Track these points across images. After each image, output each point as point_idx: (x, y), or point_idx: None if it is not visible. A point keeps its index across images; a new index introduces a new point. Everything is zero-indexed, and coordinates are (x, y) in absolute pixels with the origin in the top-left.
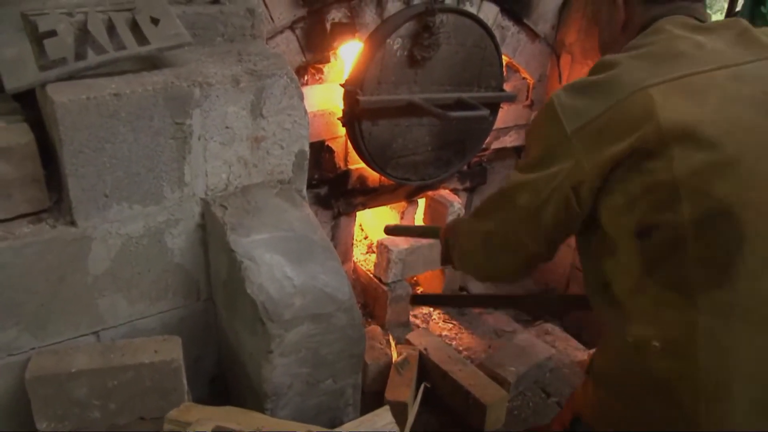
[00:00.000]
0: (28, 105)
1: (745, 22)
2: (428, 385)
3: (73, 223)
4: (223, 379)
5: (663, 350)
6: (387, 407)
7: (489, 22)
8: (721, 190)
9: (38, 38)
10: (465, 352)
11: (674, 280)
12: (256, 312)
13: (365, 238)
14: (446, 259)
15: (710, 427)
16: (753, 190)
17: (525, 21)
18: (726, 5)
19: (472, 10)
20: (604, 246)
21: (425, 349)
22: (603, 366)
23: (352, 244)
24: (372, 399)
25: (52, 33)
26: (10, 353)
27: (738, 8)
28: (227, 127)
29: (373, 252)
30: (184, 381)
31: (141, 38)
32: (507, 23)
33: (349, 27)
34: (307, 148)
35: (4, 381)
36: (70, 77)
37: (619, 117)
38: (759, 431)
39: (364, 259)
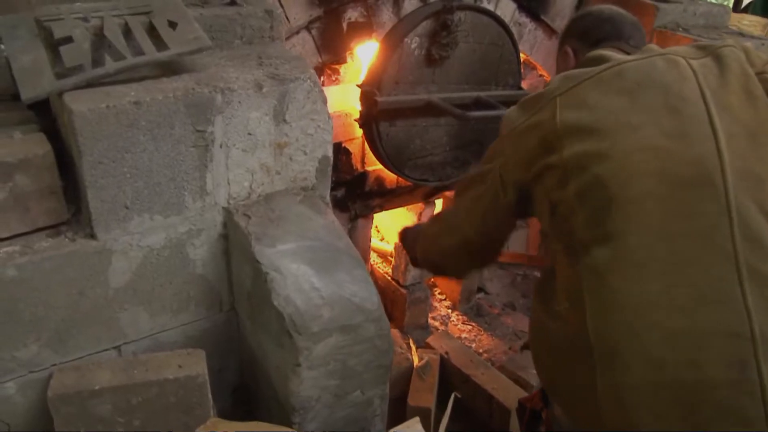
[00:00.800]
0: (42, 112)
1: (652, 45)
2: (459, 395)
3: (93, 236)
4: (246, 390)
5: (569, 310)
6: (417, 419)
7: (506, 19)
8: (595, 166)
9: (53, 44)
10: (485, 355)
11: (570, 247)
12: (283, 324)
13: (381, 239)
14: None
15: (603, 383)
16: (617, 160)
17: (542, 17)
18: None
19: (490, 7)
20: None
21: (446, 353)
22: (534, 333)
23: (370, 246)
24: (393, 405)
25: (68, 39)
26: (31, 370)
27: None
28: (250, 134)
29: (390, 255)
30: (210, 396)
31: (159, 43)
32: (524, 20)
33: (366, 26)
34: (330, 154)
35: (26, 398)
36: (88, 85)
37: (536, 123)
38: (650, 383)
39: (381, 261)
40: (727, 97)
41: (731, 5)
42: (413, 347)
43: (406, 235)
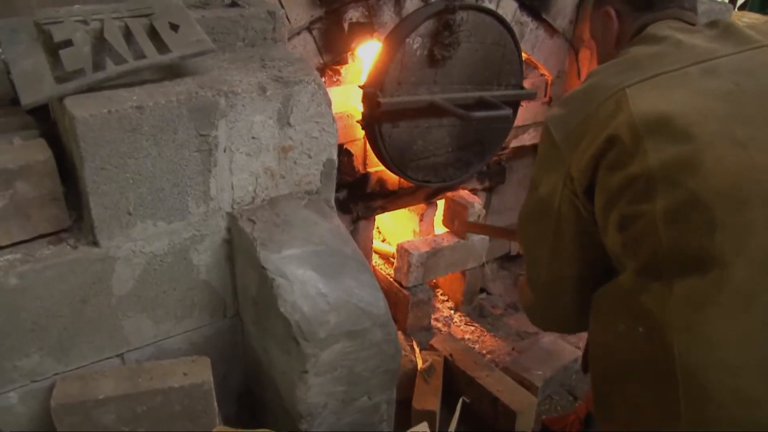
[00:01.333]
0: (40, 116)
1: (730, 20)
2: (467, 400)
3: (95, 243)
4: (250, 396)
5: (645, 335)
6: (425, 423)
7: (508, 18)
8: (691, 181)
9: (53, 48)
10: (489, 356)
11: (650, 269)
12: (289, 331)
13: (383, 241)
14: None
15: (692, 413)
16: (722, 179)
17: (544, 16)
18: None
19: (491, 6)
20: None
21: (450, 355)
22: (596, 353)
23: (372, 249)
24: (398, 408)
25: (68, 43)
26: (33, 379)
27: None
28: (254, 138)
29: (392, 256)
30: (215, 404)
31: (161, 46)
32: (526, 19)
33: (367, 27)
34: (335, 157)
35: (28, 408)
36: (89, 89)
37: (597, 120)
38: (737, 419)
39: (382, 262)
40: None
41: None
42: (417, 349)
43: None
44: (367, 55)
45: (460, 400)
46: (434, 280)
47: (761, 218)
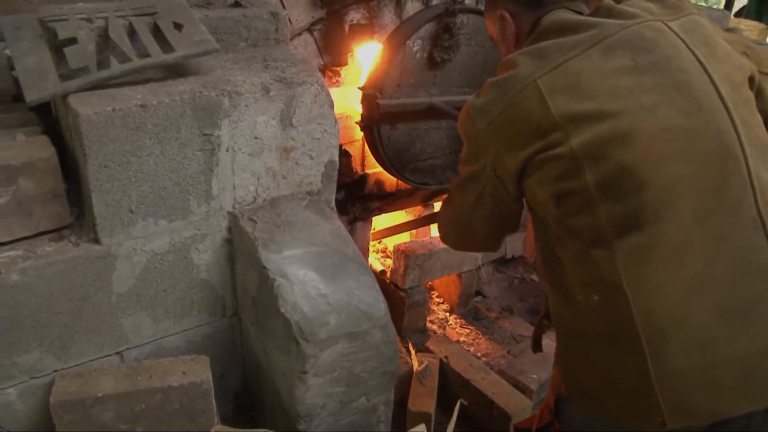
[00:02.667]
0: (42, 113)
1: (610, 3)
2: (465, 403)
3: (96, 241)
4: (248, 396)
5: (601, 302)
6: (423, 426)
7: None
8: (613, 152)
9: (58, 46)
10: (484, 359)
11: (594, 238)
12: (289, 331)
13: (379, 242)
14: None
15: (657, 369)
16: (640, 144)
17: None
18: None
19: None
20: (538, 221)
21: (446, 357)
22: (560, 327)
23: (369, 250)
24: (394, 409)
25: (73, 40)
26: (32, 376)
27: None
28: (256, 138)
29: (388, 257)
30: (214, 403)
31: (165, 45)
32: None
33: (368, 28)
34: (336, 158)
35: (26, 405)
36: (93, 87)
37: (516, 111)
38: (703, 363)
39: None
40: (720, 66)
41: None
42: (413, 351)
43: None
44: (366, 56)
45: (458, 403)
46: (430, 283)
47: (682, 173)
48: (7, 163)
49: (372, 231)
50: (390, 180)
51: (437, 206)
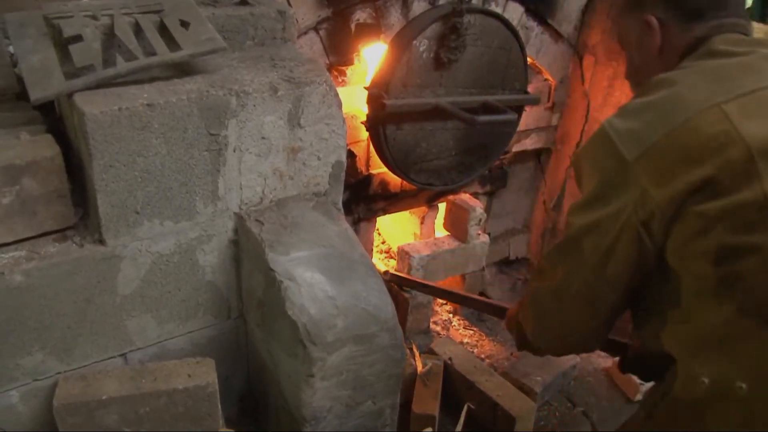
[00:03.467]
0: (45, 111)
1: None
2: (472, 407)
3: (101, 242)
4: (252, 398)
5: (751, 392)
6: (429, 429)
7: (514, 23)
8: None
9: (63, 43)
10: (487, 360)
11: (762, 310)
12: (296, 334)
13: (382, 243)
14: (522, 344)
15: None
16: None
17: (549, 21)
18: None
19: (497, 10)
20: (663, 274)
21: (450, 359)
22: (669, 422)
23: (372, 250)
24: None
25: (78, 38)
26: (35, 378)
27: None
28: (263, 138)
29: (392, 258)
30: (219, 406)
31: (171, 43)
32: (531, 24)
33: (374, 28)
34: (344, 159)
35: (29, 407)
36: (98, 85)
37: (690, 138)
38: None
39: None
40: None
41: None
42: (417, 353)
43: (514, 323)
44: (372, 56)
45: (465, 406)
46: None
47: None
48: (11, 163)
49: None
50: (395, 180)
51: (441, 207)
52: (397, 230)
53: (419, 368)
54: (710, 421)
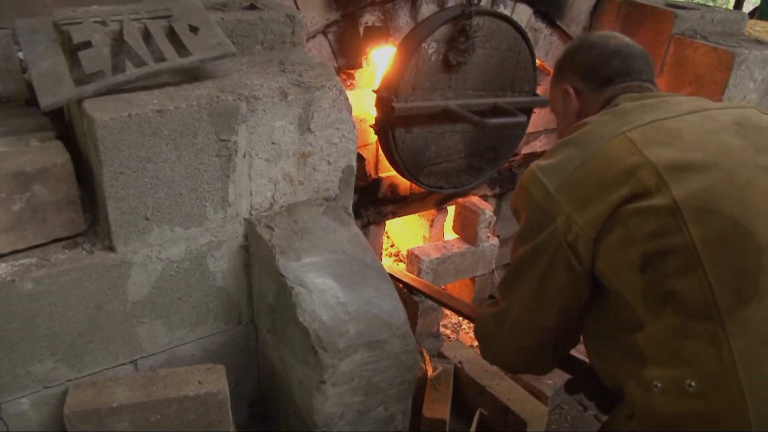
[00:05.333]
0: (54, 117)
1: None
2: (485, 412)
3: (111, 248)
4: (263, 404)
5: (699, 390)
6: None
7: (522, 25)
8: (730, 207)
9: (72, 49)
10: None
11: (696, 307)
12: (308, 340)
13: (392, 246)
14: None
15: None
16: (757, 202)
17: (558, 23)
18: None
19: (506, 12)
20: (602, 295)
21: (460, 363)
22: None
23: (381, 254)
24: None
25: (87, 44)
26: (46, 385)
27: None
28: (274, 143)
29: (401, 261)
30: (230, 413)
31: (181, 48)
32: (540, 25)
33: (383, 31)
34: (354, 164)
35: (39, 415)
36: (108, 92)
37: (601, 164)
38: None
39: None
40: None
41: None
42: (427, 357)
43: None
44: (381, 59)
45: (477, 412)
46: (444, 287)
47: None
48: (22, 170)
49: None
50: (404, 184)
51: (451, 210)
52: (406, 233)
53: (429, 372)
54: (671, 425)
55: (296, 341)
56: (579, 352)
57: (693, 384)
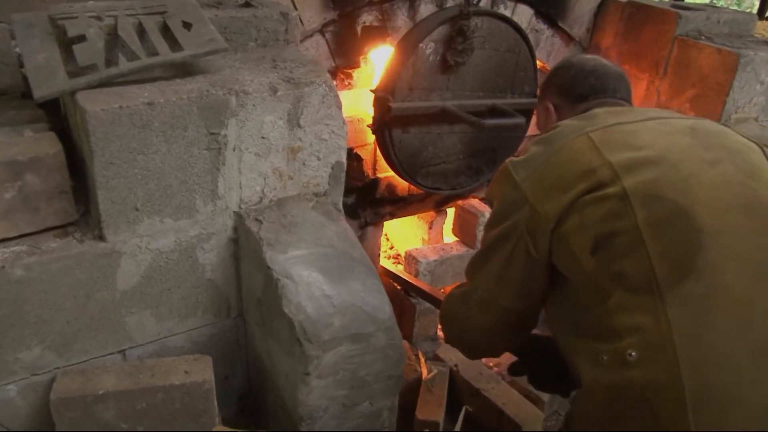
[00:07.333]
0: (50, 110)
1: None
2: (470, 409)
3: (101, 238)
4: (252, 397)
5: (639, 358)
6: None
7: (523, 26)
8: (670, 192)
9: (67, 43)
10: (495, 368)
11: (639, 282)
12: (293, 332)
13: (391, 248)
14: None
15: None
16: (701, 191)
17: (560, 24)
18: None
19: (506, 13)
20: (561, 282)
21: (456, 366)
22: (585, 411)
23: (379, 256)
24: (401, 417)
25: (82, 38)
26: (33, 372)
27: None
28: (263, 138)
29: (400, 263)
30: (215, 403)
31: (173, 43)
32: (541, 26)
33: (381, 31)
34: (344, 159)
35: (27, 402)
36: (101, 84)
37: (563, 160)
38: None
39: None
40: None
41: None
42: (422, 359)
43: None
44: (379, 59)
45: (463, 409)
46: (442, 289)
47: (744, 225)
48: (14, 159)
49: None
50: (402, 184)
51: (450, 212)
52: (405, 235)
53: (424, 374)
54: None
55: (282, 333)
56: None
57: (633, 354)
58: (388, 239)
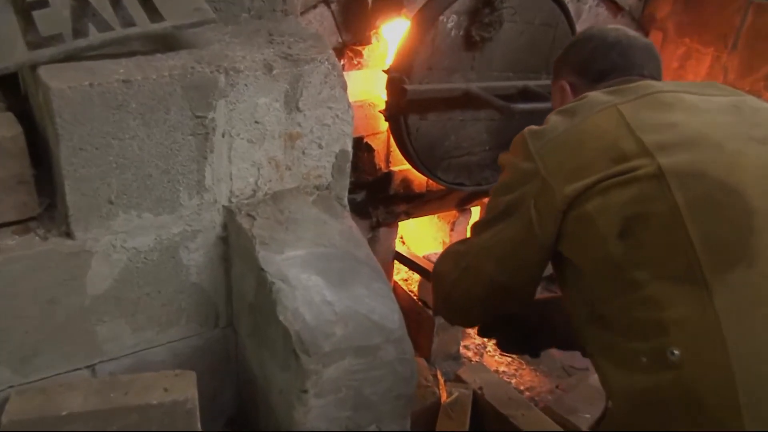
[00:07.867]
0: (8, 88)
1: None
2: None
3: (69, 235)
4: (242, 418)
5: (685, 357)
6: None
7: None
8: (718, 171)
9: (26, 9)
10: (527, 393)
11: (678, 271)
12: (289, 343)
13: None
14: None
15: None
16: (748, 169)
17: None
18: None
19: None
20: (575, 274)
21: (480, 388)
22: (619, 413)
23: (393, 260)
24: None
25: (44, 3)
26: None
27: None
28: (257, 122)
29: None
30: (199, 425)
31: (153, 13)
32: None
33: (395, 2)
34: (349, 148)
35: None
36: (67, 58)
37: (585, 134)
38: None
39: (406, 278)
40: None
41: None
42: (441, 380)
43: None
44: (393, 34)
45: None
46: None
47: None
48: None
49: None
50: (419, 179)
51: (475, 212)
52: (424, 238)
53: (443, 397)
54: (655, 401)
55: (277, 344)
56: None
57: (676, 352)
58: (404, 242)
